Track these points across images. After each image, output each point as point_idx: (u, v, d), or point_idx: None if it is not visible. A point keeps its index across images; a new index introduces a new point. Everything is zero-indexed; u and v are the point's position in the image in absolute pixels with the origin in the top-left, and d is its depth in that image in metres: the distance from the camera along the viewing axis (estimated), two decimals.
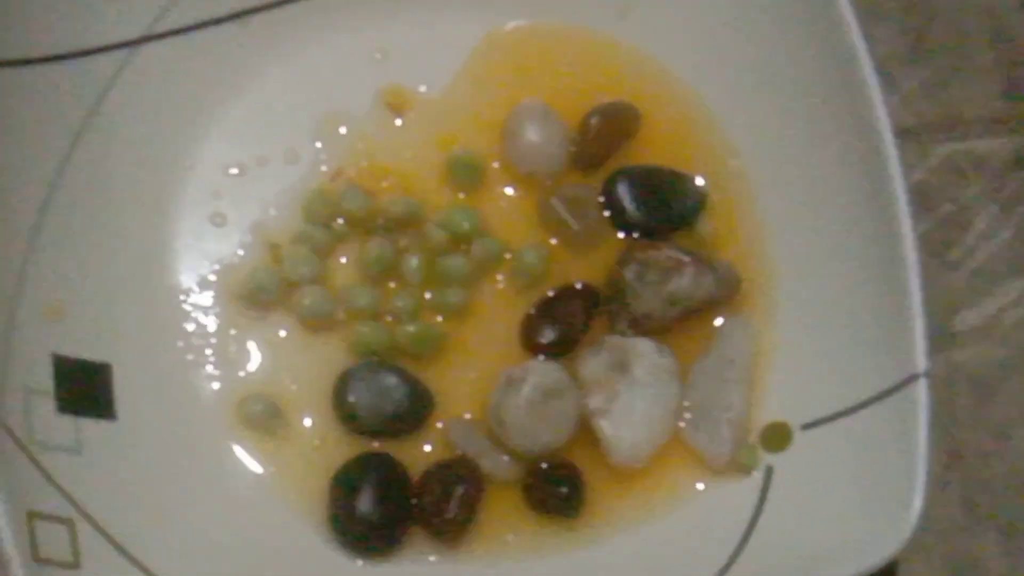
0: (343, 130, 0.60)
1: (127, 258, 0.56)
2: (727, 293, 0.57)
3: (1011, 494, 0.58)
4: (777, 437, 0.55)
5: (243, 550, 0.53)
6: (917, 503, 0.49)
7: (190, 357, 0.56)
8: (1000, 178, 0.62)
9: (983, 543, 0.57)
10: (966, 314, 0.60)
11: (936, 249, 0.61)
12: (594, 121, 0.59)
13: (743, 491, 0.54)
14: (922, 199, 0.61)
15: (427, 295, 0.57)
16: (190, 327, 0.57)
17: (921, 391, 0.50)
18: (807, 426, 0.54)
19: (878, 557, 0.49)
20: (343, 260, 0.58)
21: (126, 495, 0.52)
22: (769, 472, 0.54)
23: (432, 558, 0.54)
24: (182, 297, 0.57)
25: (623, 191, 0.58)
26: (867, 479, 0.51)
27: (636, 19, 0.61)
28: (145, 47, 0.58)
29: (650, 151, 0.60)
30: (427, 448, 0.55)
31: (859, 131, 0.54)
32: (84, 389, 0.53)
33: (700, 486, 0.55)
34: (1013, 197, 0.62)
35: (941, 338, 0.59)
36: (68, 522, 0.49)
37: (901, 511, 0.49)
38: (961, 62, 0.64)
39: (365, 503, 0.53)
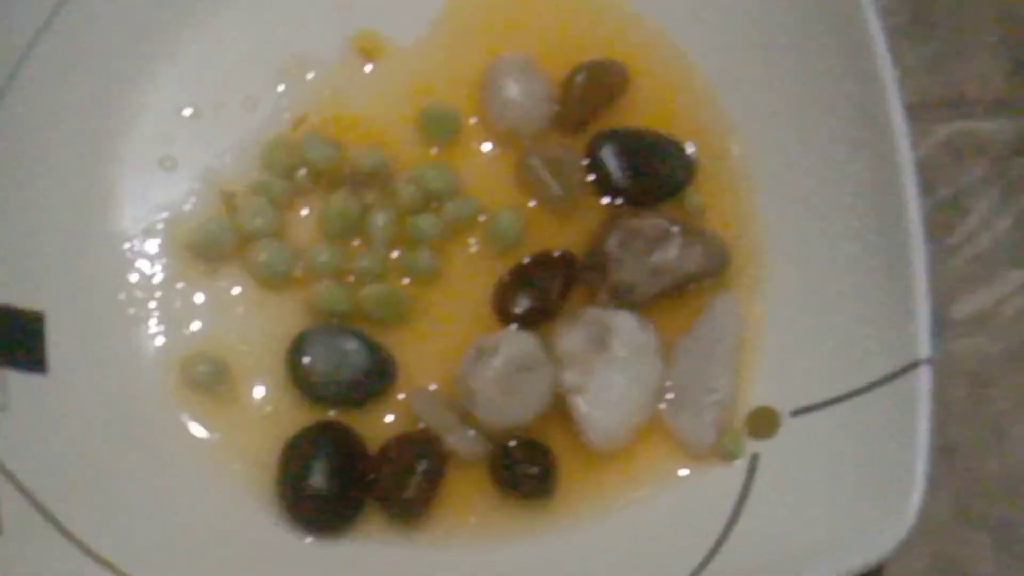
0: (309, 75, 0.57)
1: (65, 198, 0.53)
2: (715, 267, 0.54)
3: (1005, 494, 0.55)
4: (764, 423, 0.52)
5: (182, 523, 0.50)
6: (915, 499, 0.46)
7: (132, 311, 0.53)
8: (1003, 162, 0.60)
9: (973, 544, 0.54)
10: (963, 303, 0.58)
11: (933, 233, 0.57)
12: (580, 78, 0.56)
13: (726, 479, 0.51)
14: (920, 180, 0.58)
15: (394, 255, 0.54)
16: (133, 278, 0.53)
17: (923, 379, 0.48)
18: (797, 412, 0.51)
19: (870, 556, 0.46)
20: (304, 213, 0.55)
21: (55, 457, 0.49)
22: (754, 460, 0.51)
23: (388, 539, 0.51)
24: (126, 245, 0.54)
25: (608, 154, 0.55)
26: (860, 471, 0.48)
27: None
28: None
29: (638, 114, 0.57)
30: (388, 420, 0.52)
31: (865, 101, 0.51)
32: (12, 338, 0.49)
33: (680, 472, 0.52)
34: (1015, 183, 0.59)
35: (936, 327, 0.55)
36: None
37: (897, 507, 0.46)
38: (965, 38, 0.62)
39: (317, 476, 0.50)
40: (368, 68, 0.57)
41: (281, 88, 0.56)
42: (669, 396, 0.52)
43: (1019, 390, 0.56)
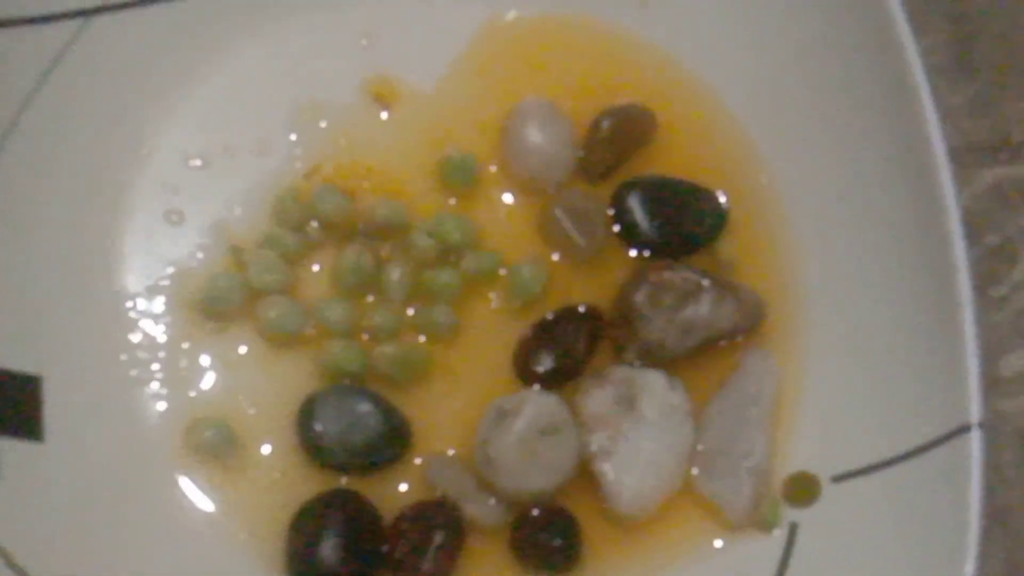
0: (323, 123, 0.54)
1: (66, 255, 0.51)
2: (749, 323, 0.51)
3: None
4: (803, 490, 0.49)
5: None
6: (968, 572, 0.43)
7: (134, 372, 0.50)
8: None
9: None
10: (1011, 359, 0.55)
11: (978, 285, 0.54)
12: (605, 124, 0.54)
13: (763, 551, 0.49)
14: (964, 228, 0.55)
15: (410, 312, 0.52)
16: (136, 338, 0.51)
17: (974, 444, 0.45)
18: (838, 478, 0.49)
19: None
20: (315, 269, 0.52)
21: (50, 531, 0.46)
22: (793, 530, 0.49)
23: None
24: (128, 304, 0.51)
25: (635, 204, 0.53)
26: (907, 543, 0.46)
27: (656, 11, 0.55)
28: (100, 17, 0.52)
29: (667, 161, 0.54)
30: (403, 488, 0.50)
31: (907, 148, 0.49)
32: (7, 404, 0.47)
33: (714, 543, 0.49)
34: None
35: (983, 385, 0.53)
36: None
37: None
38: (1009, 79, 0.59)
39: (328, 549, 0.47)
40: (384, 115, 0.54)
41: (293, 136, 0.54)
42: (701, 461, 0.50)
43: None
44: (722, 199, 0.53)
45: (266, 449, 0.50)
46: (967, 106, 0.58)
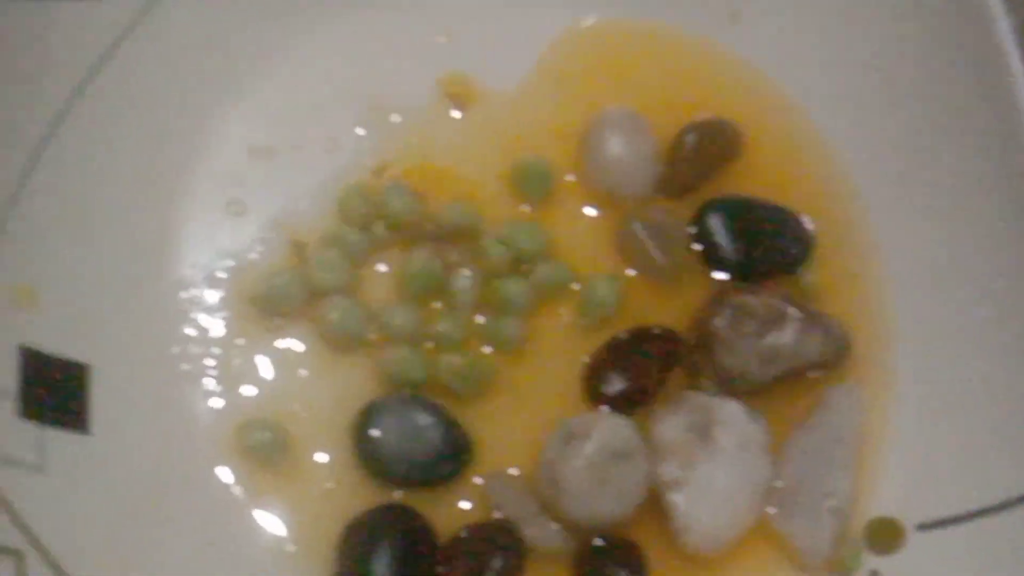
0: (395, 119, 0.53)
1: (121, 243, 0.49)
2: (835, 356, 0.49)
3: None
4: (886, 536, 0.47)
5: None
6: None
7: (186, 367, 0.49)
8: None
9: None
10: None
11: None
12: (690, 139, 0.52)
13: None
14: None
15: (477, 321, 0.50)
16: (189, 331, 0.49)
17: None
18: (924, 527, 0.47)
19: None
20: (380, 270, 0.51)
21: (93, 527, 0.44)
22: None
23: None
24: (183, 295, 0.50)
25: (717, 223, 0.51)
26: None
27: (749, 24, 0.54)
28: None
29: (752, 180, 0.52)
30: (461, 506, 0.48)
31: (1010, 169, 0.46)
32: (54, 392, 0.45)
33: None
34: None
35: None
36: (16, 554, 0.42)
37: None
38: None
39: (380, 566, 0.45)
40: (458, 115, 0.53)
41: (362, 132, 0.52)
42: (779, 498, 0.47)
43: None
44: (808, 223, 0.51)
45: (319, 457, 0.48)
46: None
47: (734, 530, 0.46)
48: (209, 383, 0.48)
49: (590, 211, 0.51)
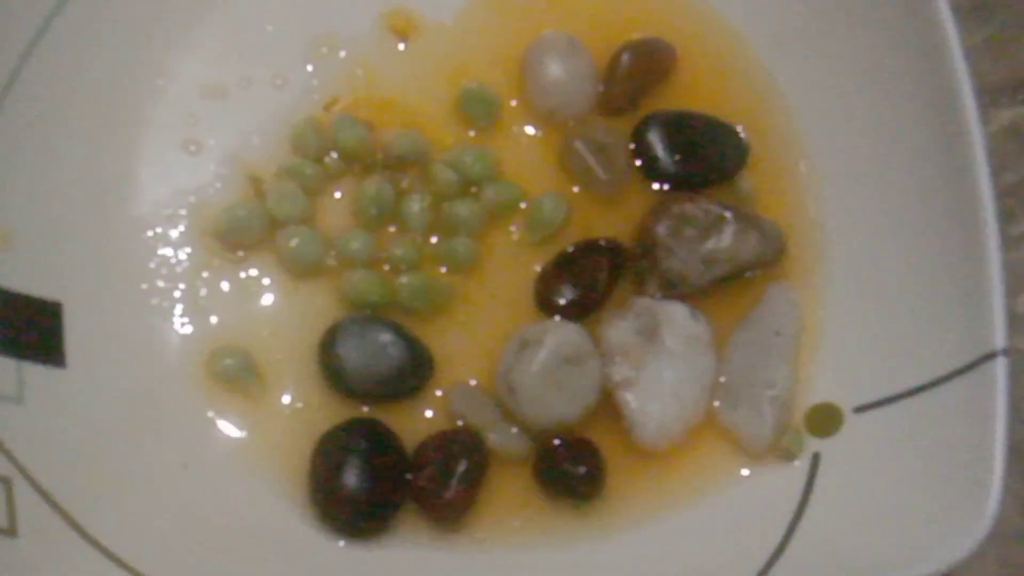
0: (341, 53, 0.54)
1: (85, 184, 0.50)
2: (772, 255, 0.51)
3: None
4: (825, 420, 0.49)
5: (206, 525, 0.47)
6: (992, 503, 0.43)
7: (154, 301, 0.50)
8: None
9: None
10: None
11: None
12: (626, 58, 0.53)
13: (785, 481, 0.48)
14: None
15: (431, 243, 0.51)
16: (155, 266, 0.51)
17: (999, 371, 0.45)
18: (860, 409, 0.49)
19: (941, 563, 0.43)
20: (336, 198, 0.52)
21: (74, 454, 0.46)
22: (816, 460, 0.48)
23: (426, 543, 0.48)
24: (148, 232, 0.51)
25: (656, 137, 0.52)
26: (930, 473, 0.46)
27: None
28: None
29: (687, 95, 0.54)
30: (425, 416, 0.50)
31: (932, 79, 0.48)
32: (29, 329, 0.47)
33: (736, 473, 0.49)
34: None
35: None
36: (5, 480, 0.43)
37: (972, 510, 0.43)
38: None
39: (351, 477, 0.47)
40: (402, 47, 0.54)
41: (311, 67, 0.53)
42: (723, 392, 0.49)
43: None
44: (742, 132, 0.53)
45: (288, 379, 0.49)
46: (983, 47, 0.58)
47: (683, 424, 0.49)
48: (178, 315, 0.50)
49: (534, 132, 0.53)
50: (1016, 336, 0.53)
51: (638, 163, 0.52)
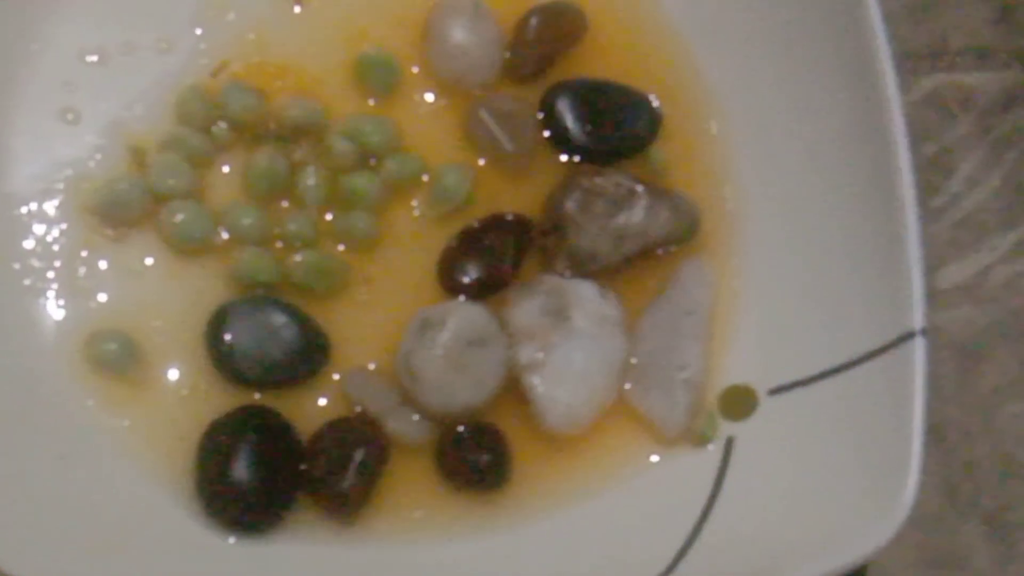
0: (230, 16, 0.51)
1: None
2: (684, 231, 0.49)
3: (997, 478, 0.51)
4: (739, 403, 0.48)
5: (86, 521, 0.44)
6: (910, 488, 0.42)
7: (28, 281, 0.47)
8: (989, 118, 0.55)
9: (965, 533, 0.50)
10: (948, 270, 0.53)
11: (917, 194, 0.53)
12: (533, 22, 0.51)
13: (698, 466, 0.47)
14: None
15: (326, 218, 0.49)
16: (29, 245, 0.48)
17: (917, 352, 0.44)
18: (775, 391, 0.47)
19: (860, 551, 0.42)
20: (224, 171, 0.49)
21: None
22: (729, 444, 0.47)
23: (322, 537, 0.46)
24: (21, 209, 0.48)
25: (565, 107, 0.50)
26: (847, 457, 0.44)
27: None
28: None
29: (598, 62, 0.52)
30: (320, 403, 0.48)
31: (850, 48, 0.46)
32: None
33: (647, 458, 0.47)
34: (1002, 140, 0.55)
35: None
36: None
37: (889, 496, 0.42)
38: None
39: (240, 468, 0.45)
40: (297, 9, 0.51)
41: (198, 31, 0.51)
42: (635, 374, 0.48)
43: (1010, 365, 0.52)
44: (655, 102, 0.51)
45: (173, 365, 0.47)
46: (904, 12, 0.56)
47: (593, 409, 0.47)
48: (53, 296, 0.47)
49: (436, 101, 0.51)
50: (936, 312, 0.52)
51: (546, 134, 0.50)
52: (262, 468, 0.45)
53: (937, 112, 0.55)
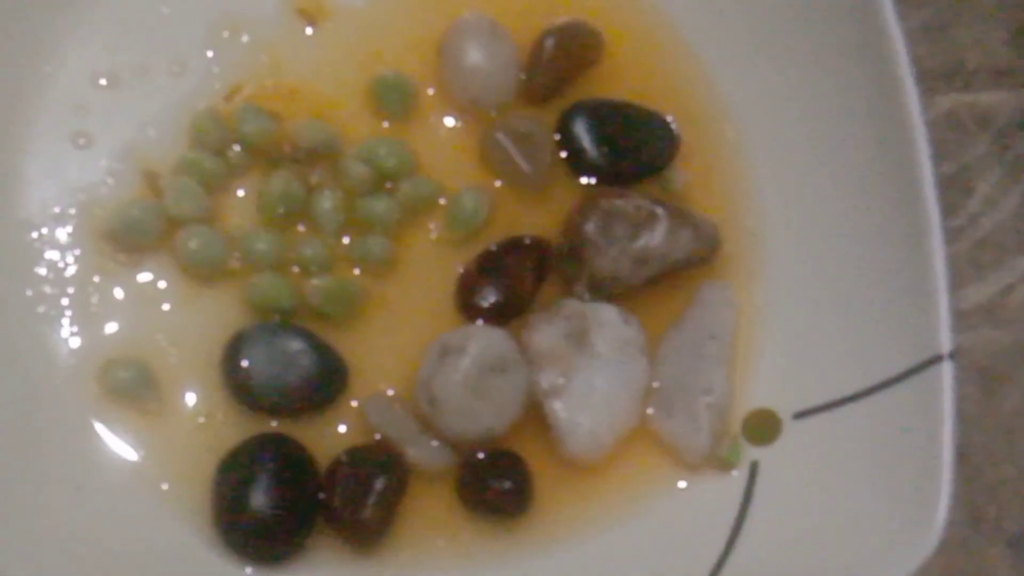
0: (244, 38, 0.51)
1: None
2: (706, 253, 0.49)
3: (1021, 501, 0.50)
4: (764, 428, 0.47)
5: (103, 551, 0.44)
6: (940, 514, 0.42)
7: (41, 308, 0.47)
8: (1006, 137, 0.55)
9: (989, 556, 0.50)
10: (969, 291, 0.53)
11: None
12: (549, 43, 0.51)
13: (723, 492, 0.46)
14: None
15: (343, 243, 0.49)
16: (42, 271, 0.47)
17: (945, 376, 0.43)
18: (800, 415, 0.47)
19: None
20: (239, 194, 0.49)
21: None
22: (754, 469, 0.47)
23: (342, 567, 0.45)
24: (33, 234, 0.48)
25: (582, 128, 0.50)
26: (874, 482, 0.44)
27: None
28: None
29: (615, 83, 0.52)
30: (339, 430, 0.47)
31: (871, 69, 0.46)
32: None
33: (671, 485, 0.47)
34: (1020, 160, 0.55)
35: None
36: None
37: (920, 521, 0.42)
38: (963, 4, 0.57)
39: (258, 497, 0.44)
40: (310, 31, 0.51)
41: (211, 53, 0.50)
42: (657, 399, 0.47)
43: None
44: (673, 123, 0.51)
45: (189, 392, 0.46)
46: (921, 32, 0.56)
47: (615, 434, 0.46)
48: (67, 324, 0.46)
49: (453, 123, 0.50)
50: (959, 332, 0.52)
51: (564, 155, 0.50)
52: (280, 497, 0.44)
53: (954, 131, 0.55)
